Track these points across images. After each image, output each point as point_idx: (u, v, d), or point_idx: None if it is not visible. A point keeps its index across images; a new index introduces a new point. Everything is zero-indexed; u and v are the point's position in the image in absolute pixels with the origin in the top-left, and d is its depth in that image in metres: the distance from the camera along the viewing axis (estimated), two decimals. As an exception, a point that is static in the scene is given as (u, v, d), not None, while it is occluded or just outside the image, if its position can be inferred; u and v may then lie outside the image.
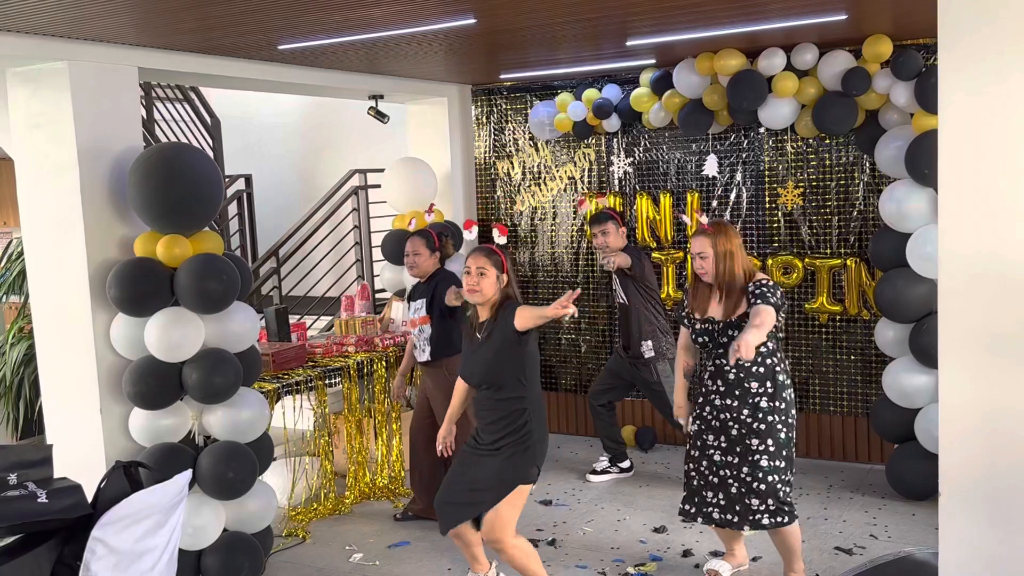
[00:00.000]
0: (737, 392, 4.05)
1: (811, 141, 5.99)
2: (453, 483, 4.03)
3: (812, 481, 5.77)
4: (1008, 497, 2.70)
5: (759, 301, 3.95)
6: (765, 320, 3.84)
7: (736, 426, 4.06)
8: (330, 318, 7.83)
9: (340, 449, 5.93)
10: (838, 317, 6.03)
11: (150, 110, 8.98)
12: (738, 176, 6.24)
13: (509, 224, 7.08)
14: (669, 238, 6.47)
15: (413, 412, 5.43)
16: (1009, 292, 2.64)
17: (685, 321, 4.27)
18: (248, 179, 9.30)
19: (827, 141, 5.94)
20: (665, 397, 5.61)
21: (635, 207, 6.57)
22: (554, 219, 6.95)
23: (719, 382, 4.11)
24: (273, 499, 4.70)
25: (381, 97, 6.69)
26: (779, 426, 4.03)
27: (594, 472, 6.04)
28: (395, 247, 6.26)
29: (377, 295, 7.89)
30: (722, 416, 4.10)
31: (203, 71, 5.08)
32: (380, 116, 6.69)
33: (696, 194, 6.36)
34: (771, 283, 4.03)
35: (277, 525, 5.18)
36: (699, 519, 4.21)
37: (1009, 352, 2.66)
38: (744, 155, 6.21)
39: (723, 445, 4.11)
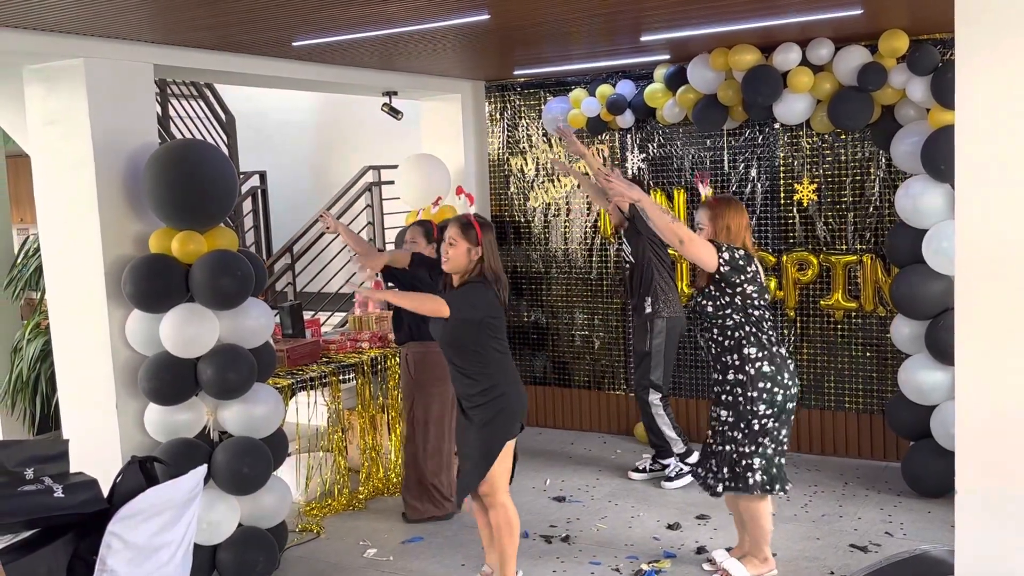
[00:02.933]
0: (718, 366, 4.19)
1: (826, 136, 5.96)
2: (459, 455, 4.25)
3: (827, 478, 5.75)
4: (1025, 495, 2.68)
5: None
6: (654, 208, 4.05)
7: (714, 399, 4.25)
8: (344, 314, 7.85)
9: (354, 445, 5.95)
10: (853, 313, 6.01)
11: (165, 107, 9.02)
12: (753, 171, 6.22)
13: (523, 220, 7.08)
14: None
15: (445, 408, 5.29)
16: (1026, 288, 2.63)
17: (722, 248, 4.15)
18: (263, 175, 9.33)
19: (843, 136, 5.92)
20: (649, 365, 5.60)
21: (649, 203, 6.56)
22: (567, 215, 6.94)
23: (709, 357, 4.26)
24: (287, 494, 4.72)
25: (395, 94, 6.69)
26: (740, 399, 4.11)
27: (636, 470, 5.92)
28: (409, 243, 6.28)
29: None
30: (715, 389, 4.24)
31: (218, 68, 5.10)
32: (394, 112, 6.70)
33: (710, 190, 6.34)
34: (740, 249, 4.09)
35: (291, 520, 5.20)
36: (707, 491, 4.32)
37: (1026, 349, 2.64)
38: (759, 151, 6.19)
39: (720, 415, 4.24)
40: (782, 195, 6.15)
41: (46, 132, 4.51)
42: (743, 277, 4.06)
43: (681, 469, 5.69)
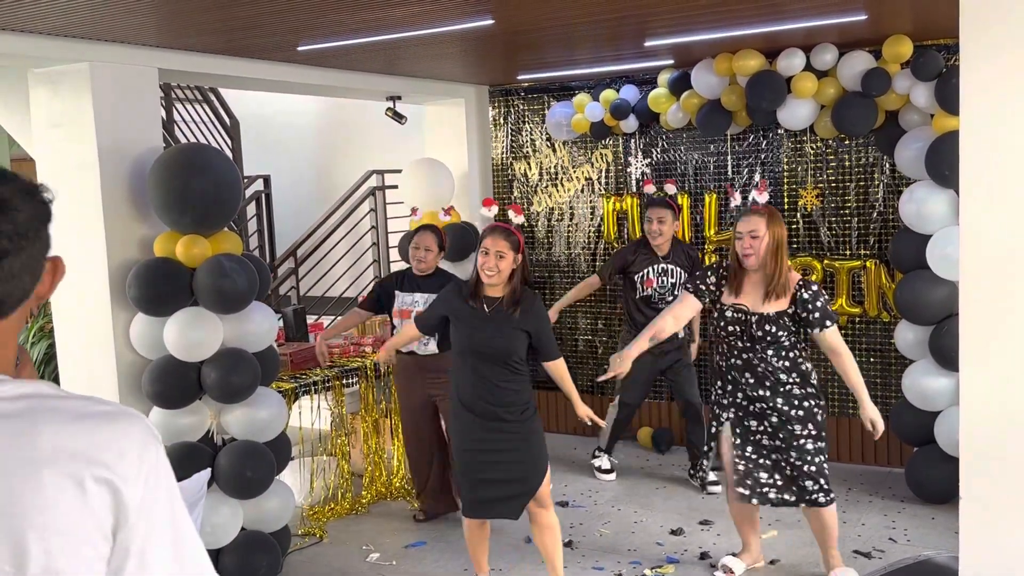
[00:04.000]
0: (768, 383, 4.04)
1: (830, 142, 5.96)
2: (487, 474, 4.04)
3: (831, 484, 5.73)
4: (1029, 501, 2.68)
5: (818, 315, 3.95)
6: (848, 357, 4.04)
7: (774, 414, 4.06)
8: (347, 318, 7.84)
9: (357, 449, 5.95)
10: (857, 319, 6.00)
11: (170, 111, 9.02)
12: (756, 177, 6.21)
13: (526, 225, 7.08)
14: (687, 238, 6.45)
15: (402, 415, 5.39)
16: (1031, 294, 2.62)
17: (705, 294, 4.12)
18: (267, 180, 9.34)
19: (846, 142, 5.91)
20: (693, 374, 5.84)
21: (653, 208, 6.56)
22: (571, 220, 6.94)
23: (747, 375, 4.09)
24: (291, 498, 4.72)
25: (399, 98, 6.70)
26: (815, 409, 4.05)
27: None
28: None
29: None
30: (758, 405, 4.08)
31: (222, 72, 5.11)
32: (398, 117, 6.71)
33: (714, 195, 6.34)
34: (817, 286, 4.03)
35: (294, 524, 5.20)
36: (755, 500, 4.16)
37: (1031, 355, 2.64)
38: (763, 156, 6.19)
39: (768, 430, 4.09)
40: (786, 200, 6.14)
41: (51, 135, 4.52)
42: None
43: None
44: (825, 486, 4.10)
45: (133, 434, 1.19)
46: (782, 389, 4.03)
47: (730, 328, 4.06)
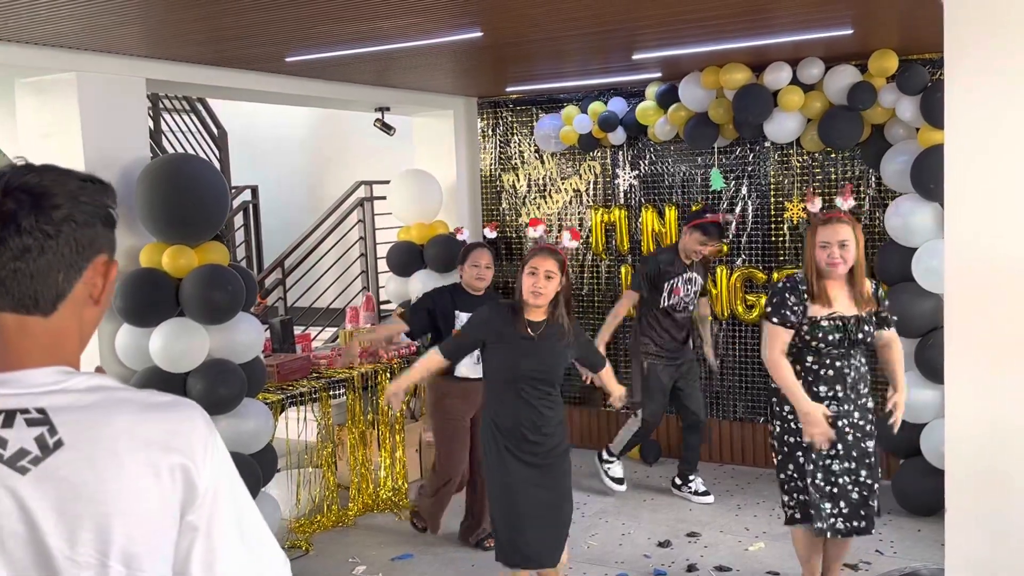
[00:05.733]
0: (852, 395, 3.89)
1: (817, 155, 5.99)
2: (541, 513, 3.81)
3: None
4: (1014, 513, 2.69)
5: (887, 313, 3.95)
6: (902, 353, 4.00)
7: (852, 431, 3.88)
8: (335, 329, 7.83)
9: (344, 461, 5.93)
10: (844, 331, 6.01)
11: (157, 121, 9.01)
12: (743, 190, 6.24)
13: (515, 237, 7.09)
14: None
15: (453, 445, 5.01)
16: (1016, 306, 2.64)
17: (796, 321, 3.85)
18: (254, 190, 9.33)
19: (833, 155, 5.95)
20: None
21: (640, 220, 6.57)
22: (559, 231, 6.95)
23: (838, 387, 3.87)
24: (276, 510, 4.70)
25: (387, 109, 6.71)
26: (875, 422, 3.97)
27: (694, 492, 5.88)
28: (400, 259, 6.28)
29: (382, 306, 7.90)
30: (839, 423, 3.86)
31: (211, 83, 5.11)
32: (386, 128, 6.71)
33: (700, 207, 6.35)
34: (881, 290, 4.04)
35: (280, 537, 5.17)
36: (828, 533, 3.93)
37: (1016, 367, 2.65)
38: (749, 168, 6.22)
39: (840, 453, 3.88)
40: (772, 213, 6.17)
41: (38, 145, 4.50)
42: None
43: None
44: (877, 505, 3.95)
45: (198, 421, 1.26)
46: (860, 402, 3.90)
47: (830, 338, 3.84)
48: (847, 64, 5.49)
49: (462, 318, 4.79)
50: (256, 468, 4.44)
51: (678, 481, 5.90)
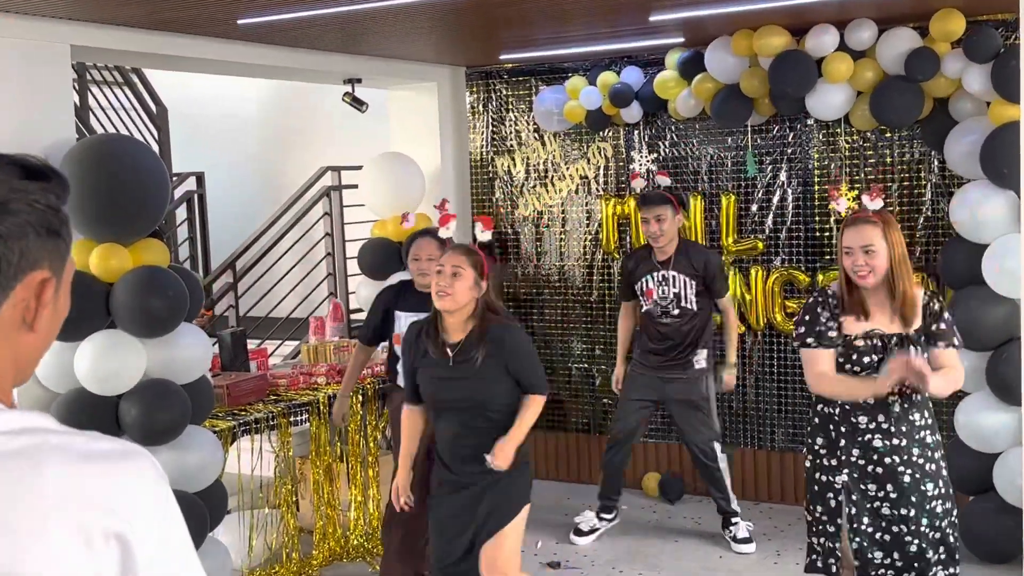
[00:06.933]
0: (904, 428, 3.83)
1: (869, 135, 6.00)
2: (449, 540, 4.02)
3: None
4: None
5: (944, 327, 3.84)
6: (959, 379, 3.83)
7: (908, 470, 3.82)
8: (296, 343, 7.83)
9: (306, 500, 5.92)
10: (901, 344, 6.02)
11: (84, 96, 9.02)
12: (782, 176, 6.25)
13: (510, 232, 7.09)
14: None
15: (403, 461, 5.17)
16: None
17: (832, 338, 3.87)
18: (199, 178, 9.33)
19: (888, 135, 5.96)
20: (707, 412, 5.74)
21: (660, 212, 6.58)
22: (563, 226, 6.95)
23: (881, 417, 3.83)
24: (227, 560, 4.69)
25: (359, 81, 6.71)
26: (943, 462, 3.91)
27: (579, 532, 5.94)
28: (374, 259, 6.26)
29: (352, 316, 7.89)
30: (887, 460, 3.83)
31: (148, 50, 5.11)
32: (357, 104, 6.71)
33: (732, 196, 6.37)
34: (943, 300, 3.95)
35: (231, 591, 5.16)
36: None
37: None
38: (789, 151, 6.22)
39: (892, 495, 3.84)
40: (816, 203, 6.18)
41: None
42: None
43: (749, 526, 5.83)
44: (944, 557, 3.88)
45: (146, 476, 1.23)
46: (916, 436, 3.84)
47: (866, 360, 3.82)
48: (904, 27, 5.50)
49: (402, 318, 4.95)
50: (202, 509, 4.42)
51: (723, 521, 5.92)
